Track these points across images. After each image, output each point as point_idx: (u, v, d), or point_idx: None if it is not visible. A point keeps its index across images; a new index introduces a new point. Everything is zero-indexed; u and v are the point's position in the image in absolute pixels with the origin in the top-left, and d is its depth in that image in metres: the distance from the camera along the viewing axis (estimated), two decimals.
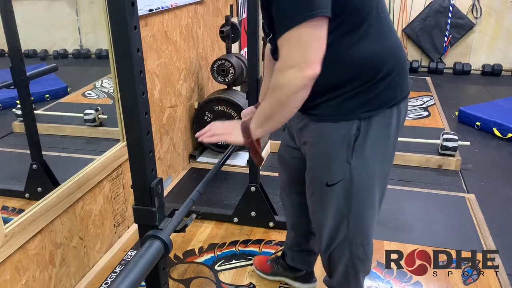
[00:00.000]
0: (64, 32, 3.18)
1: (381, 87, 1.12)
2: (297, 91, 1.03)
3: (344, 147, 1.16)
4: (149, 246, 0.96)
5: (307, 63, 0.99)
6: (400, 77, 1.15)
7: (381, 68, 1.11)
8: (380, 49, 1.11)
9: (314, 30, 0.98)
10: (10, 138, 2.48)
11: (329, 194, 1.25)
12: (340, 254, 1.35)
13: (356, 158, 1.18)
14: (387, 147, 1.22)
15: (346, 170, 1.19)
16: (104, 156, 1.95)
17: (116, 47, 0.93)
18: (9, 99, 2.59)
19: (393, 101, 1.15)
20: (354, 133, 1.15)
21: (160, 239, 0.98)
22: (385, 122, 1.17)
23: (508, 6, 4.81)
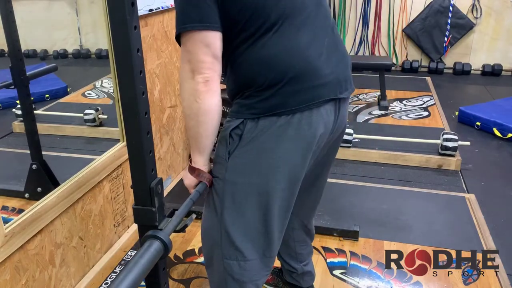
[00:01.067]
0: (64, 32, 3.18)
1: (268, 93, 1.10)
2: (196, 99, 1.07)
3: (224, 142, 1.17)
4: (148, 246, 0.95)
5: (193, 72, 1.06)
6: (294, 87, 1.10)
7: (266, 75, 1.09)
8: (266, 58, 1.09)
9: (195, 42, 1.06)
10: (10, 138, 2.48)
11: (211, 189, 1.24)
12: (216, 264, 1.29)
13: (234, 158, 1.15)
14: (276, 157, 1.14)
15: (223, 167, 1.18)
16: (104, 156, 1.95)
17: (116, 47, 0.94)
18: (9, 99, 2.60)
19: (280, 109, 1.10)
20: (231, 128, 1.14)
21: (159, 239, 0.97)
22: (274, 129, 1.11)
23: (508, 6, 4.81)
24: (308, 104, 1.11)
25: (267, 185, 1.16)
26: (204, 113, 1.09)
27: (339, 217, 2.24)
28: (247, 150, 1.14)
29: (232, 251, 1.23)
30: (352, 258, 1.97)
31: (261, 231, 1.22)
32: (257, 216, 1.19)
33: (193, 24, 1.04)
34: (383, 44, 5.19)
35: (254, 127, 1.12)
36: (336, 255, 1.99)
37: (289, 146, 1.13)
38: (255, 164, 1.15)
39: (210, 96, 1.07)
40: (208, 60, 1.05)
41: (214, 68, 1.06)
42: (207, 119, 1.10)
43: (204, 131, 1.12)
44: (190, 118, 1.11)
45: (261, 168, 1.15)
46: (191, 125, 1.12)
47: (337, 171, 2.79)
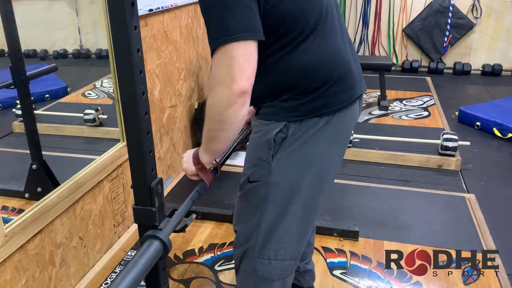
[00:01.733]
0: (64, 32, 3.18)
1: (313, 96, 1.13)
2: (227, 107, 1.05)
3: (265, 145, 1.17)
4: (148, 246, 0.95)
5: (233, 80, 1.02)
6: (337, 88, 1.15)
7: (312, 79, 1.12)
8: (311, 62, 1.12)
9: (239, 49, 1.02)
10: (10, 138, 2.48)
11: (249, 191, 1.25)
12: (245, 265, 1.31)
13: (278, 162, 1.17)
14: (316, 157, 1.18)
15: (265, 171, 1.19)
16: (104, 156, 1.95)
17: (116, 47, 0.93)
18: (9, 99, 2.60)
19: (325, 110, 1.14)
20: (275, 133, 1.15)
21: (159, 239, 0.97)
22: (313, 131, 1.15)
23: (508, 6, 4.81)
24: (346, 104, 1.17)
25: (311, 185, 1.20)
26: (230, 122, 1.08)
27: (339, 217, 2.24)
28: (290, 152, 1.16)
29: (265, 251, 1.26)
30: (352, 258, 1.97)
31: (297, 232, 1.25)
32: (299, 216, 1.23)
33: (244, 34, 1.02)
34: (383, 44, 5.19)
35: (298, 129, 1.14)
36: (336, 255, 1.99)
37: (331, 144, 1.19)
38: (299, 165, 1.17)
39: (241, 108, 1.05)
40: (249, 68, 1.03)
41: (252, 80, 1.05)
42: (229, 128, 1.09)
43: (224, 138, 1.12)
44: (214, 122, 1.10)
45: (305, 169, 1.18)
46: (212, 127, 1.11)
47: None
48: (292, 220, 1.23)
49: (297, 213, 1.22)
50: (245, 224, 1.30)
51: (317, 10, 1.12)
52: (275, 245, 1.25)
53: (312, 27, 1.11)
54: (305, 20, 1.10)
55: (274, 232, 1.24)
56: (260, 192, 1.22)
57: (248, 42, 1.02)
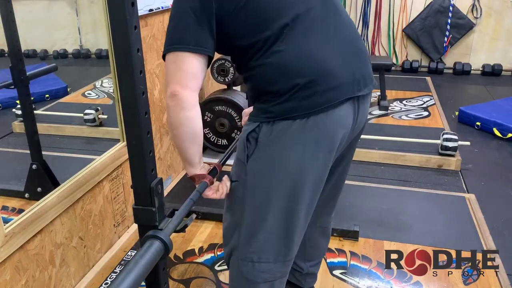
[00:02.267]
0: (64, 32, 3.18)
1: (283, 98, 1.11)
2: (168, 113, 1.12)
3: (242, 145, 1.19)
4: (149, 246, 0.95)
5: (167, 85, 1.11)
6: (309, 91, 1.10)
7: (281, 81, 1.11)
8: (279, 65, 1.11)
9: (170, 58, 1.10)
10: (10, 138, 2.48)
11: (232, 191, 1.27)
12: (232, 265, 1.32)
13: (252, 162, 1.18)
14: (294, 163, 1.14)
15: (242, 171, 1.21)
16: (104, 156, 1.95)
17: (116, 47, 0.94)
18: (9, 99, 2.60)
19: (295, 113, 1.10)
20: (248, 132, 1.16)
21: (160, 239, 0.97)
22: (288, 134, 1.12)
23: (508, 6, 4.81)
24: (322, 107, 1.10)
25: (286, 189, 1.16)
26: (174, 127, 1.13)
27: (339, 217, 2.24)
28: (264, 153, 1.15)
29: (247, 254, 1.25)
30: (352, 258, 1.97)
31: (280, 235, 1.22)
32: (277, 220, 1.20)
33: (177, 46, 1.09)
34: (383, 44, 5.19)
35: (270, 131, 1.13)
36: (336, 255, 1.99)
37: (306, 149, 1.13)
38: (273, 168, 1.15)
39: (177, 110, 1.10)
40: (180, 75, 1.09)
41: (185, 84, 1.09)
42: (177, 133, 1.13)
43: (180, 144, 1.15)
44: (170, 131, 1.17)
45: (279, 172, 1.15)
46: (171, 136, 1.21)
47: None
48: (272, 225, 1.20)
49: (277, 218, 1.19)
50: (228, 223, 1.31)
51: (287, 11, 1.10)
52: (256, 248, 1.23)
53: (278, 32, 1.10)
54: (268, 26, 1.10)
55: (254, 235, 1.22)
56: (239, 192, 1.23)
57: (180, 53, 1.09)
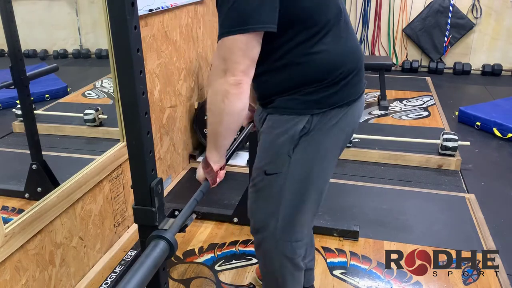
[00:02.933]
0: (64, 32, 3.18)
1: (336, 88, 1.17)
2: (223, 99, 1.07)
3: (288, 140, 1.20)
4: (154, 246, 0.95)
5: (228, 71, 1.05)
6: (353, 80, 1.21)
7: (333, 72, 1.16)
8: (335, 56, 1.16)
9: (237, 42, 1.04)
10: (10, 138, 2.48)
11: (266, 183, 1.28)
12: (267, 247, 1.38)
13: (297, 154, 1.21)
14: (332, 146, 1.25)
15: (285, 163, 1.22)
16: (104, 156, 1.95)
17: (116, 47, 0.93)
18: (9, 99, 2.60)
19: (345, 101, 1.20)
20: (300, 128, 1.18)
21: (165, 239, 0.97)
22: (333, 122, 1.20)
23: (508, 6, 4.81)
24: (358, 95, 1.24)
25: (325, 170, 1.27)
26: (228, 114, 1.09)
27: (339, 217, 2.24)
28: (311, 143, 1.20)
29: (291, 234, 1.32)
30: (352, 258, 1.97)
31: (313, 211, 1.35)
32: (314, 199, 1.30)
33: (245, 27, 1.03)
34: (383, 44, 5.19)
35: (320, 121, 1.18)
36: (336, 255, 1.99)
37: (344, 132, 1.25)
38: (320, 155, 1.23)
39: (238, 99, 1.07)
40: (246, 62, 1.06)
41: (249, 73, 1.07)
42: (229, 120, 1.11)
43: (225, 131, 1.14)
44: (214, 115, 1.12)
45: (324, 157, 1.24)
46: (213, 121, 1.13)
47: (337, 171, 2.79)
48: (311, 204, 1.30)
49: (313, 198, 1.29)
50: (263, 212, 1.34)
51: (333, 8, 1.16)
52: (300, 228, 1.33)
53: (331, 23, 1.15)
54: (324, 16, 1.13)
55: (296, 217, 1.30)
56: (277, 183, 1.26)
57: (249, 35, 1.03)
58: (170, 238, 0.98)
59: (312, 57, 1.14)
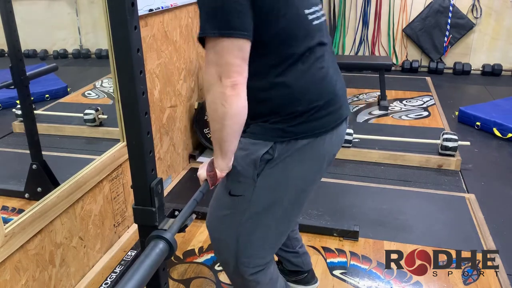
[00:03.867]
0: (64, 32, 3.18)
1: (301, 119, 1.16)
2: (222, 103, 1.06)
3: (253, 165, 1.19)
4: (154, 246, 0.95)
5: (222, 75, 1.04)
6: (324, 112, 1.18)
7: (301, 102, 1.15)
8: (302, 85, 1.14)
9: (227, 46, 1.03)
10: (10, 138, 2.48)
11: (228, 204, 1.28)
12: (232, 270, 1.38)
13: (262, 179, 1.20)
14: (301, 177, 1.23)
15: (249, 187, 1.22)
16: (104, 156, 1.95)
17: (116, 47, 0.94)
18: (9, 99, 2.60)
19: (310, 132, 1.17)
20: (263, 154, 1.17)
21: (164, 239, 0.97)
22: (302, 152, 1.18)
23: (508, 6, 4.81)
24: (333, 126, 1.20)
25: (292, 198, 1.26)
26: (230, 117, 1.08)
27: (339, 217, 2.24)
28: (275, 171, 1.20)
29: (244, 259, 1.32)
30: (352, 258, 1.97)
31: (280, 234, 1.34)
32: (280, 223, 1.31)
33: (232, 32, 1.02)
34: (383, 44, 5.19)
35: (284, 150, 1.17)
36: (336, 255, 1.99)
37: (317, 163, 1.23)
38: (282, 184, 1.22)
39: (237, 100, 1.06)
40: (238, 63, 1.04)
41: (242, 73, 1.06)
42: (232, 123, 1.09)
43: (228, 136, 1.12)
44: (216, 122, 1.10)
45: (287, 187, 1.23)
46: (215, 128, 1.11)
47: (337, 171, 2.79)
48: (275, 228, 1.30)
49: (280, 223, 1.29)
50: (224, 234, 1.34)
51: (310, 33, 1.15)
52: (254, 253, 1.32)
53: (304, 50, 1.13)
54: (298, 42, 1.12)
55: (251, 243, 1.30)
56: (241, 205, 1.25)
57: (237, 40, 1.03)
58: (170, 238, 0.98)
59: (277, 85, 1.13)
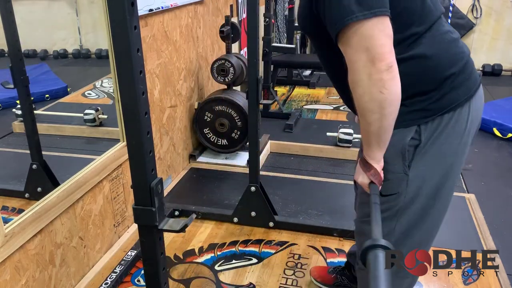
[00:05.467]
0: (64, 32, 3.18)
1: (442, 91, 1.07)
2: (380, 90, 0.95)
3: (400, 156, 1.10)
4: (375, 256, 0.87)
5: (376, 59, 0.94)
6: (462, 78, 1.10)
7: (440, 73, 1.07)
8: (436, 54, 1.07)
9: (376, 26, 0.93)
10: (10, 138, 2.48)
11: (383, 205, 1.15)
12: None
13: (415, 170, 1.11)
14: (453, 156, 1.13)
15: (402, 183, 1.12)
16: (104, 156, 1.95)
17: (116, 47, 0.94)
18: (9, 99, 2.60)
19: (455, 103, 1.08)
20: (410, 141, 1.08)
21: (382, 247, 0.89)
22: (449, 128, 1.09)
23: (508, 6, 4.81)
24: (473, 90, 1.12)
25: (449, 186, 1.18)
26: (390, 104, 0.97)
27: (339, 217, 2.24)
28: (427, 157, 1.10)
29: None
30: None
31: (437, 227, 1.26)
32: (440, 213, 1.23)
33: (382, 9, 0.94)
34: None
35: (430, 132, 1.08)
36: (336, 255, 1.99)
37: (464, 135, 1.12)
38: (438, 169, 1.13)
39: (395, 83, 0.96)
40: (388, 42, 0.95)
41: (393, 52, 0.96)
42: (392, 110, 0.99)
43: (388, 125, 1.01)
44: (373, 112, 0.99)
45: (444, 171, 1.14)
46: (373, 119, 1.00)
47: (337, 171, 2.79)
48: (435, 219, 1.22)
49: (440, 212, 1.22)
50: None
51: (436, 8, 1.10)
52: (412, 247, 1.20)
53: (436, 19, 1.08)
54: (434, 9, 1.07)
55: (408, 242, 1.21)
56: (398, 203, 1.16)
57: (383, 18, 0.94)
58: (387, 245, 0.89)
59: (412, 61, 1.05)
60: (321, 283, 1.78)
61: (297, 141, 3.14)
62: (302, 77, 4.70)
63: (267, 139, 3.15)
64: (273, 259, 1.98)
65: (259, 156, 2.13)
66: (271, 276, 1.87)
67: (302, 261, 1.96)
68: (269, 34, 3.58)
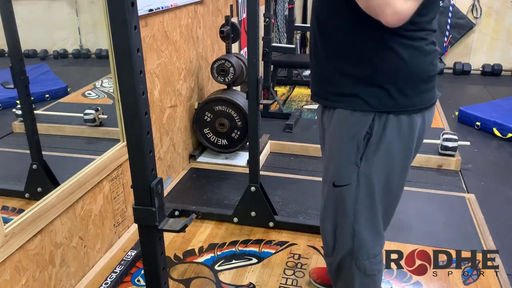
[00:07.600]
0: (64, 32, 3.17)
1: (415, 90, 1.10)
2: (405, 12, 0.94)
3: (355, 145, 1.12)
4: None
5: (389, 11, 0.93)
6: (431, 85, 1.14)
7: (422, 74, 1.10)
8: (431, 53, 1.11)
9: None
10: (10, 138, 2.48)
11: (334, 196, 1.21)
12: (346, 269, 1.30)
13: (366, 165, 1.13)
14: (404, 153, 1.16)
15: (353, 174, 1.15)
16: (104, 156, 1.95)
17: (116, 47, 0.94)
18: (9, 99, 2.60)
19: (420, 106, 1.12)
20: (365, 132, 1.10)
21: None
22: (403, 129, 1.11)
23: (508, 6, 4.81)
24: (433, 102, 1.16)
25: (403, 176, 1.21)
26: None
27: None
28: (377, 155, 1.13)
29: (366, 251, 1.25)
30: None
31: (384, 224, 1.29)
32: (392, 206, 1.26)
33: None
34: None
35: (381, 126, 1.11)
36: None
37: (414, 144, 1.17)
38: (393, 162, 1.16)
39: None
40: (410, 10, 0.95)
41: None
42: None
43: None
44: None
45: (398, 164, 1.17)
46: None
47: None
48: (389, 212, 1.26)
49: (392, 205, 1.25)
50: (338, 231, 1.27)
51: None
52: (374, 242, 1.25)
53: (435, 28, 1.11)
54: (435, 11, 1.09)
55: (371, 231, 1.24)
56: (349, 196, 1.19)
57: None
58: None
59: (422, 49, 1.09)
60: (321, 284, 1.78)
61: (297, 141, 3.14)
62: (302, 77, 4.70)
63: (267, 139, 3.15)
64: (273, 259, 1.98)
65: (259, 156, 2.13)
66: (271, 276, 1.87)
67: (302, 261, 1.96)
68: (269, 34, 3.58)
